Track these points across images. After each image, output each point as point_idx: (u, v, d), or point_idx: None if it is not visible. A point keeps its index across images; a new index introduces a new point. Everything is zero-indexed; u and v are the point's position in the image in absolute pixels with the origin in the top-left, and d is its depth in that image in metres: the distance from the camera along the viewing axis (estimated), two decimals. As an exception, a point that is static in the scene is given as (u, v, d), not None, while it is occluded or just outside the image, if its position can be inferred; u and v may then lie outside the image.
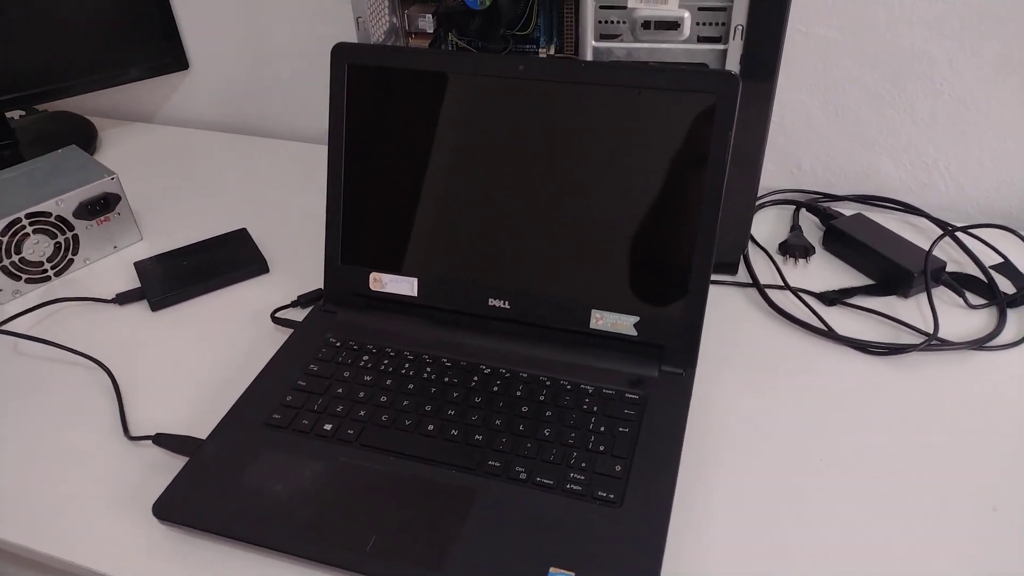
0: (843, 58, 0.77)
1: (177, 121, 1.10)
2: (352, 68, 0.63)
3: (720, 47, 0.60)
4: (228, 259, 0.77)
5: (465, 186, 0.62)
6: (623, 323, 0.60)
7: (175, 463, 0.55)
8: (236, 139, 1.03)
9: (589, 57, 0.63)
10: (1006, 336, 0.65)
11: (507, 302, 0.62)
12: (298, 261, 0.78)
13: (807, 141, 0.83)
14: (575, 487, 0.51)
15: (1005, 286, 0.69)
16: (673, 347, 0.59)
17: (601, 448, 0.53)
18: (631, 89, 0.57)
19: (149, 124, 1.09)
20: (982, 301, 0.69)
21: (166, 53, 1.01)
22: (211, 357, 0.66)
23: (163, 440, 0.56)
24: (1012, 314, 0.67)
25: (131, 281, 0.75)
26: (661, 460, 0.52)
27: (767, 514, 0.51)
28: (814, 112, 0.81)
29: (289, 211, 0.86)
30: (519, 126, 0.60)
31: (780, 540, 0.50)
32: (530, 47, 0.76)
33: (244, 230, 0.82)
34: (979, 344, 0.64)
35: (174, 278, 0.74)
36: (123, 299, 0.73)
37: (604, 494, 0.50)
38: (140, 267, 0.76)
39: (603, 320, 0.61)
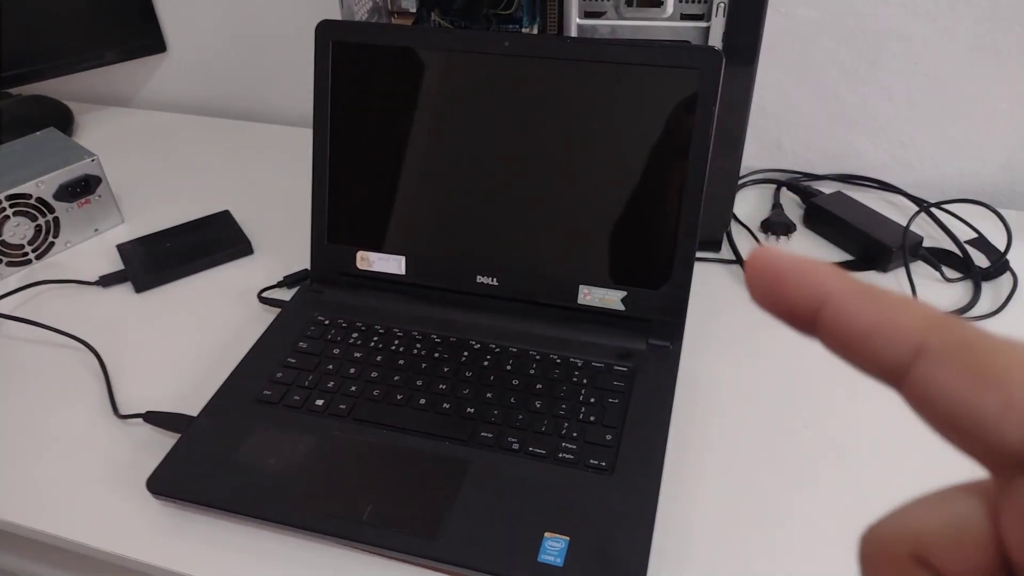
0: (822, 38, 0.79)
1: (155, 105, 1.09)
2: (337, 46, 0.63)
3: (703, 24, 0.61)
4: (211, 241, 0.77)
5: (452, 163, 0.62)
6: (610, 298, 0.61)
7: (166, 440, 0.55)
8: (215, 122, 1.02)
9: (574, 35, 0.64)
10: (981, 308, 0.67)
11: (495, 279, 0.63)
12: (282, 242, 0.78)
13: (787, 121, 0.84)
14: (567, 456, 0.51)
15: (980, 260, 0.71)
16: (660, 321, 0.60)
17: (592, 418, 0.54)
18: (616, 65, 0.57)
19: (126, 108, 1.07)
20: (958, 275, 0.70)
21: (143, 35, 1.00)
22: (198, 337, 0.66)
23: (153, 417, 0.56)
24: (987, 287, 0.69)
25: (114, 263, 0.75)
26: (651, 429, 0.53)
27: (755, 479, 0.53)
28: (793, 92, 0.83)
29: (271, 193, 0.86)
30: (505, 103, 0.60)
31: (768, 505, 0.51)
32: (513, 26, 0.76)
33: (227, 212, 0.81)
34: (956, 316, 0.65)
35: (158, 260, 0.74)
36: (107, 281, 0.72)
37: (596, 462, 0.51)
38: (123, 249, 0.76)
39: (591, 295, 0.62)
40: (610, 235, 0.60)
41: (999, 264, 0.70)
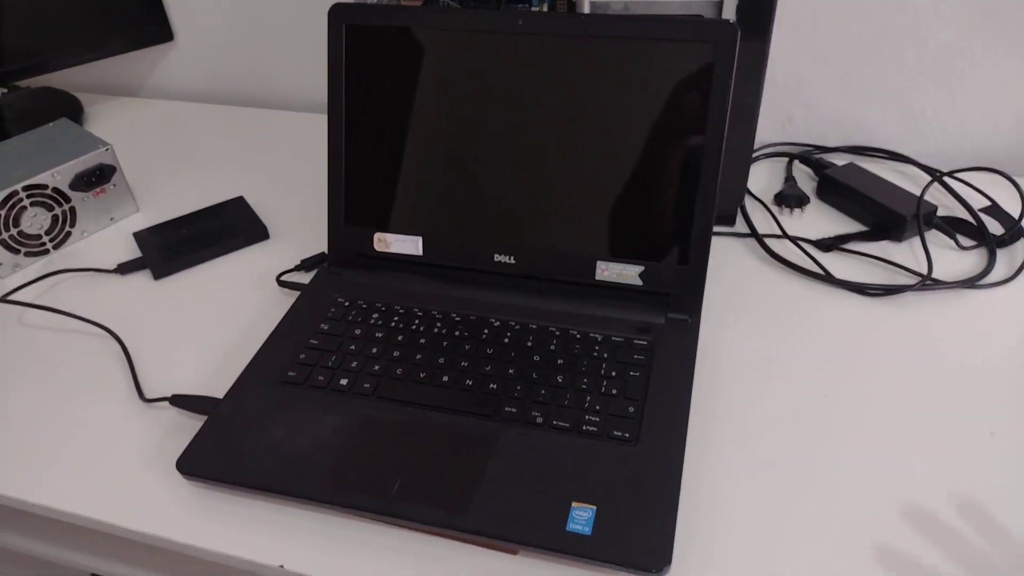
0: (832, 9, 0.78)
1: (163, 94, 1.09)
2: (350, 28, 0.63)
3: (716, -3, 0.61)
4: (227, 227, 0.77)
5: (467, 143, 0.62)
6: (628, 273, 0.61)
7: (192, 423, 0.56)
8: (225, 110, 1.02)
9: (587, 11, 0.64)
10: (996, 275, 0.67)
11: (513, 257, 0.63)
12: (297, 227, 0.78)
13: (798, 94, 0.84)
14: (591, 428, 0.52)
15: (994, 227, 0.71)
16: (678, 295, 0.61)
17: (614, 391, 0.54)
18: (631, 41, 0.57)
19: (135, 98, 1.08)
20: (972, 243, 0.71)
21: (149, 24, 1.00)
22: (218, 321, 0.66)
23: (180, 400, 0.57)
24: (1001, 254, 0.69)
25: (131, 251, 0.75)
26: (673, 400, 0.54)
27: (776, 448, 0.53)
28: (804, 65, 0.82)
29: (284, 179, 0.86)
30: (520, 81, 0.60)
31: (789, 472, 0.51)
32: (523, 5, 0.76)
33: (241, 198, 0.82)
34: (971, 283, 0.66)
35: (175, 247, 0.74)
36: (125, 269, 0.73)
37: (620, 433, 0.51)
38: (139, 237, 0.76)
39: (608, 271, 0.62)
40: (627, 211, 0.60)
41: (1013, 231, 0.70)
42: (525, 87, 0.60)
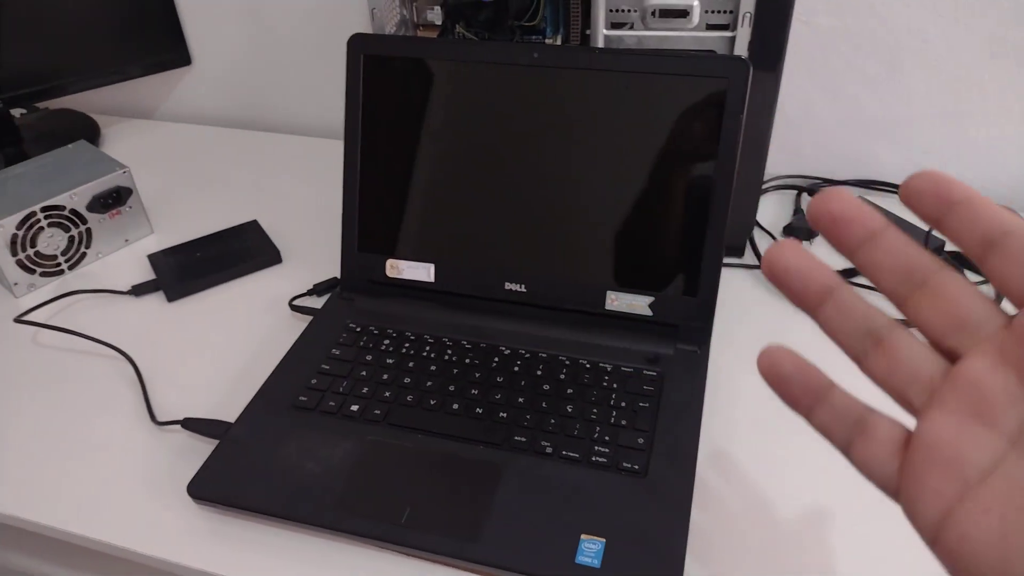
0: (842, 45, 0.79)
1: (179, 117, 1.10)
2: (368, 58, 0.64)
3: (729, 34, 0.62)
4: (241, 250, 0.78)
5: (481, 173, 0.63)
6: (638, 304, 0.62)
7: (204, 447, 0.56)
8: (240, 134, 1.04)
9: (600, 45, 0.65)
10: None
11: (523, 286, 0.64)
12: (310, 251, 0.79)
13: (807, 127, 0.85)
14: (600, 459, 0.52)
15: (1002, 264, 0.72)
16: (688, 326, 0.61)
17: (623, 422, 0.55)
18: (644, 75, 0.58)
19: (151, 120, 1.09)
20: (980, 279, 0.71)
21: (168, 49, 1.02)
22: (230, 345, 0.67)
23: (191, 424, 0.57)
24: (1010, 290, 0.69)
25: (145, 273, 0.76)
26: (682, 432, 0.54)
27: (785, 481, 0.53)
28: (814, 99, 0.83)
29: (298, 203, 0.87)
30: (534, 112, 0.61)
31: (797, 506, 0.51)
32: (536, 37, 0.78)
33: (255, 222, 0.83)
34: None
35: (188, 269, 0.75)
36: (139, 291, 0.73)
37: (629, 465, 0.52)
38: (154, 259, 0.77)
39: (618, 301, 0.62)
40: (637, 242, 0.61)
41: (1022, 268, 0.70)
42: (538, 119, 0.61)
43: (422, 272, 0.66)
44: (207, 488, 0.52)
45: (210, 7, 0.99)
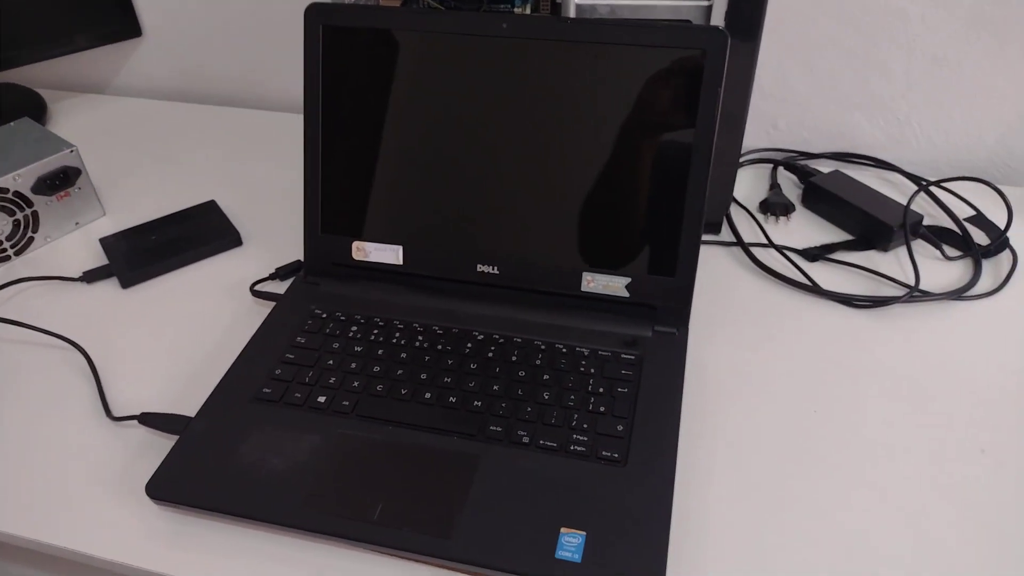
0: (820, 17, 0.77)
1: (131, 91, 1.05)
2: (327, 29, 0.61)
3: (704, 3, 0.60)
4: (198, 232, 0.75)
5: (449, 149, 0.60)
6: (615, 285, 0.60)
7: (163, 442, 0.53)
8: (196, 108, 0.99)
9: (572, 15, 0.62)
10: (982, 286, 0.66)
11: (496, 267, 0.61)
12: (271, 233, 0.75)
13: (783, 100, 0.83)
14: (579, 448, 0.50)
15: (979, 237, 0.71)
16: (666, 307, 0.59)
17: (602, 409, 0.53)
18: (618, 46, 0.56)
19: (101, 95, 1.04)
20: (958, 253, 0.70)
21: (116, 19, 0.96)
22: (189, 333, 0.64)
23: (149, 419, 0.54)
24: (987, 264, 0.69)
25: (97, 258, 0.72)
26: (662, 418, 0.52)
27: (767, 466, 0.52)
28: (790, 71, 0.82)
29: (258, 182, 0.84)
30: (503, 86, 0.58)
31: (781, 491, 0.50)
32: (505, 7, 0.74)
33: (213, 202, 0.79)
34: (957, 294, 0.65)
35: (143, 253, 0.72)
36: (91, 277, 0.70)
37: (608, 454, 0.50)
38: (106, 243, 0.73)
39: (594, 282, 0.60)
40: (613, 220, 0.59)
41: (999, 242, 0.70)
42: (508, 92, 0.58)
43: (390, 254, 0.64)
44: (167, 487, 0.49)
45: (160, -26, 0.94)
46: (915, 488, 0.50)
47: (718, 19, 0.60)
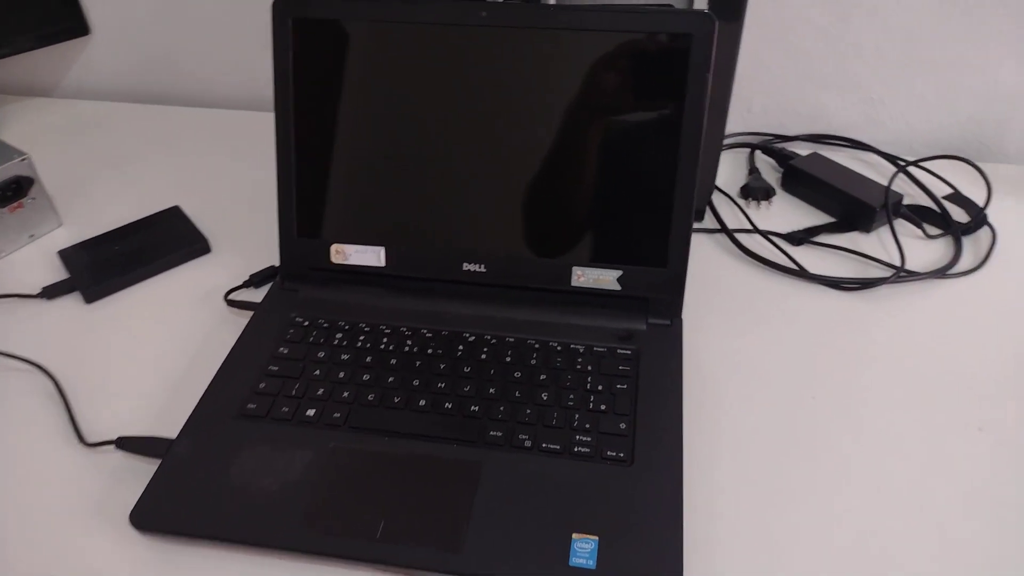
0: (792, -4, 0.77)
1: (81, 93, 1.00)
2: (298, 22, 0.58)
3: (686, -14, 0.58)
4: (164, 240, 0.71)
5: (430, 144, 0.58)
6: (605, 278, 0.59)
7: (144, 468, 0.50)
8: (151, 109, 0.95)
9: (553, 1, 0.60)
10: (964, 263, 0.67)
11: (483, 265, 0.60)
12: (242, 238, 0.72)
13: (758, 83, 0.83)
14: (583, 449, 0.49)
15: (956, 214, 0.72)
16: (658, 298, 0.58)
17: (603, 407, 0.52)
18: (604, 34, 0.54)
19: (49, 99, 0.98)
20: (938, 231, 0.70)
21: (62, 18, 0.91)
22: (163, 348, 0.61)
23: (127, 443, 0.51)
24: (967, 241, 0.69)
25: (57, 272, 0.68)
26: (664, 413, 0.51)
27: (770, 454, 0.51)
28: (764, 54, 0.81)
29: (223, 184, 0.80)
30: (484, 77, 0.56)
31: (786, 478, 0.50)
32: (475, -5, 0.72)
33: (177, 208, 0.75)
34: (942, 273, 0.65)
35: (107, 265, 0.68)
36: (51, 292, 0.66)
37: (613, 453, 0.49)
38: (65, 256, 0.69)
39: (585, 276, 0.59)
40: (602, 212, 0.57)
41: (978, 219, 0.70)
42: (490, 84, 0.56)
43: (371, 256, 0.61)
44: (152, 515, 0.46)
45: (106, -31, 0.89)
46: (917, 468, 0.50)
47: (701, 2, 0.59)
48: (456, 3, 0.56)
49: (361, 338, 0.57)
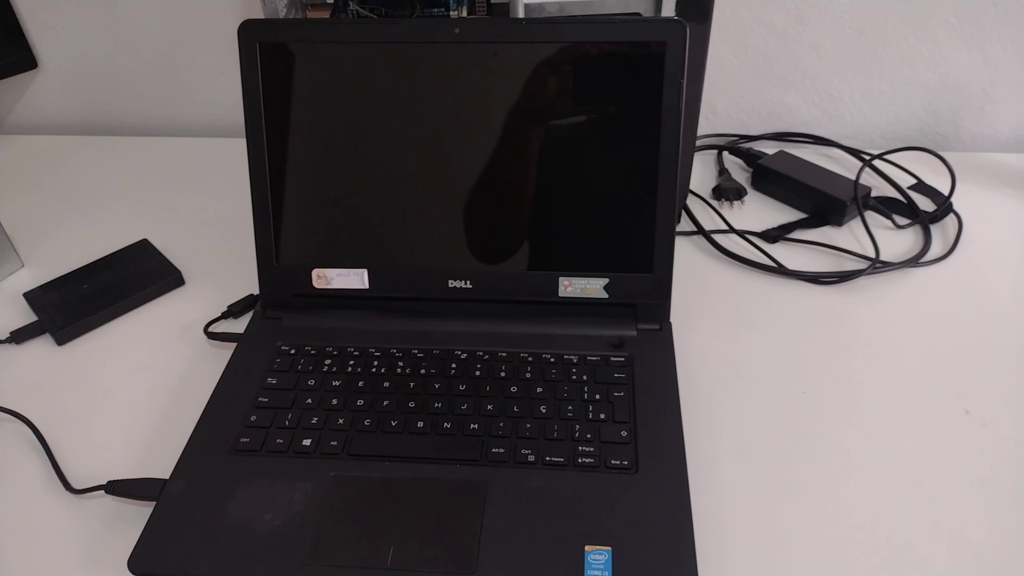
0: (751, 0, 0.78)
1: (31, 128, 0.97)
2: (265, 47, 0.57)
3: (653, -6, 0.59)
4: (135, 275, 0.69)
5: (408, 163, 0.58)
6: (593, 287, 0.59)
7: (137, 512, 0.49)
8: (107, 141, 0.92)
9: (520, 15, 0.61)
10: (934, 251, 0.69)
11: (469, 281, 0.59)
12: (215, 268, 0.71)
13: (720, 85, 0.84)
14: (587, 460, 0.49)
15: (924, 204, 0.74)
16: (646, 304, 0.58)
17: (602, 416, 0.52)
18: (576, 45, 0.54)
19: (-2, 135, 0.95)
20: (907, 221, 0.72)
21: (8, 52, 0.89)
22: (143, 386, 0.59)
23: (118, 487, 0.49)
24: (935, 229, 0.71)
25: (24, 316, 0.66)
26: (663, 418, 0.52)
27: (769, 451, 0.52)
28: (725, 56, 0.82)
29: (191, 215, 0.78)
30: (460, 94, 0.56)
31: (787, 474, 0.50)
32: (439, 11, 0.72)
33: (145, 241, 0.73)
34: (914, 261, 0.67)
35: (76, 305, 0.66)
36: (19, 336, 0.63)
37: (617, 462, 0.49)
38: (31, 298, 0.67)
39: (572, 286, 0.59)
40: (586, 221, 0.57)
41: (944, 207, 0.72)
42: (466, 100, 0.56)
43: (354, 279, 0.60)
44: (151, 560, 0.45)
45: (53, 0, 0.87)
46: (912, 454, 0.51)
47: (668, 9, 0.59)
48: (428, 21, 0.55)
49: (351, 363, 0.56)
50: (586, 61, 0.55)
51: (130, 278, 0.69)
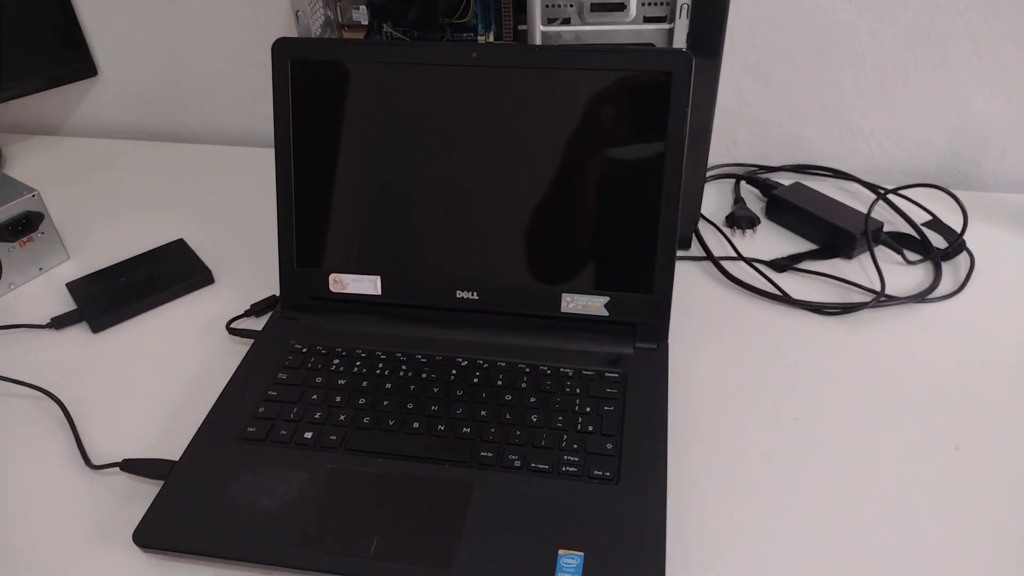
0: (772, 33, 0.80)
1: (87, 132, 1.03)
2: (296, 64, 0.61)
3: (666, 26, 0.61)
4: (168, 272, 0.74)
5: (423, 178, 0.61)
6: (594, 304, 0.61)
7: (147, 489, 0.52)
8: (157, 147, 0.98)
9: (538, 42, 0.63)
10: (944, 288, 0.69)
11: (475, 293, 0.62)
12: (243, 269, 0.75)
13: (741, 116, 0.86)
14: (570, 469, 0.51)
15: (936, 240, 0.74)
16: (645, 323, 0.60)
17: (590, 428, 0.54)
18: (587, 72, 0.57)
19: (56, 136, 1.02)
20: (918, 257, 0.73)
21: (72, 61, 0.95)
22: (166, 375, 0.63)
23: (132, 465, 0.53)
24: (946, 267, 0.71)
25: (65, 304, 0.71)
26: (649, 434, 0.53)
27: (753, 475, 0.53)
28: (747, 88, 0.84)
29: (225, 218, 0.83)
30: (475, 115, 0.59)
31: (768, 497, 0.51)
32: (467, 35, 0.75)
33: (181, 241, 0.78)
34: (921, 297, 0.67)
35: (113, 296, 0.70)
36: (59, 323, 0.68)
37: (600, 473, 0.50)
38: (73, 288, 0.72)
39: (574, 303, 0.61)
40: (590, 242, 0.60)
41: (955, 245, 0.72)
42: (481, 120, 0.59)
43: (368, 285, 0.64)
44: (155, 534, 0.48)
45: (114, 14, 0.93)
46: (896, 487, 0.52)
47: (680, 41, 0.62)
48: (447, 44, 0.59)
49: (357, 364, 0.59)
50: (595, 87, 0.57)
51: (164, 274, 0.73)
